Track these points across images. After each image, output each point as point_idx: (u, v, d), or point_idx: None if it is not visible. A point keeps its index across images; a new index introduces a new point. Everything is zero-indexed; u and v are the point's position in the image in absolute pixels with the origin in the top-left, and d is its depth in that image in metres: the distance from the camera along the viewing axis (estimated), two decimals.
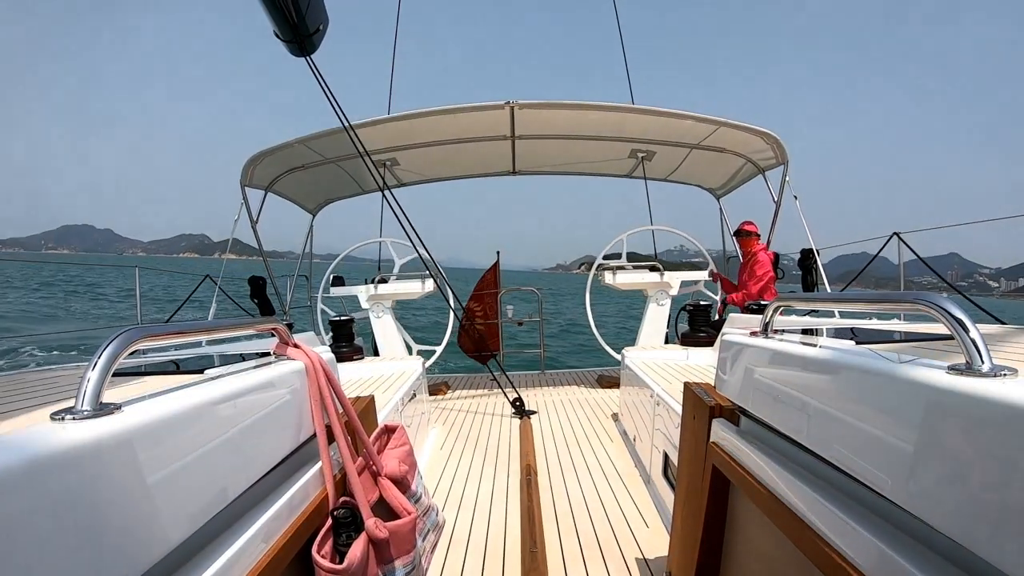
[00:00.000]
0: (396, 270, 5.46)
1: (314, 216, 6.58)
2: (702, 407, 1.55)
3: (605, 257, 5.54)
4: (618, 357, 4.48)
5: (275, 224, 5.54)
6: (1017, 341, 1.49)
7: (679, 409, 1.96)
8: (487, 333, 6.37)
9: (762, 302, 4.24)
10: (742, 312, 4.50)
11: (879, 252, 4.24)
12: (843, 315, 2.81)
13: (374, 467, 1.28)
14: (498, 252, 7.02)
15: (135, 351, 0.76)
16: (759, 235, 4.95)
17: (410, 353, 5.39)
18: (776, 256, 4.84)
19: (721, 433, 1.41)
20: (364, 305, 5.35)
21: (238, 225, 5.16)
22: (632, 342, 5.31)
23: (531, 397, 4.99)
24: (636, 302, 5.79)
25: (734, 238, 5.14)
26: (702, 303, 4.81)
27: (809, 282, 4.74)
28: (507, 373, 4.84)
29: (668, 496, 2.42)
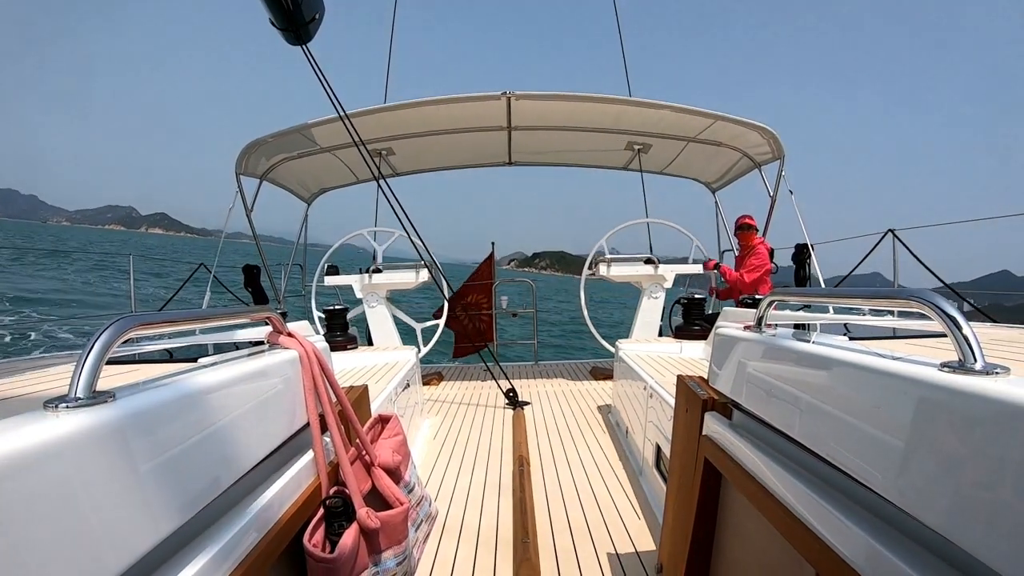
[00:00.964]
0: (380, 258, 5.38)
1: (309, 205, 6.54)
2: (695, 400, 1.55)
3: (598, 252, 5.55)
4: (612, 349, 4.50)
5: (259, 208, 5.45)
6: (1010, 339, 1.51)
7: (672, 402, 1.97)
8: (482, 324, 6.39)
9: (756, 296, 4.26)
10: (735, 300, 4.52)
11: (872, 249, 4.26)
12: (837, 311, 2.82)
13: (367, 457, 1.28)
14: (492, 243, 7.01)
15: (129, 339, 0.75)
16: (758, 229, 4.98)
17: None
18: (771, 250, 4.87)
19: (713, 426, 1.42)
20: (358, 295, 5.34)
21: (232, 213, 5.12)
22: (626, 334, 5.33)
23: (524, 388, 5.00)
24: (631, 298, 5.80)
25: (735, 234, 5.13)
26: (696, 296, 4.82)
27: (801, 276, 4.77)
28: (500, 364, 4.85)
29: (660, 488, 2.44)
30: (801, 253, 4.75)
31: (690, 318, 4.73)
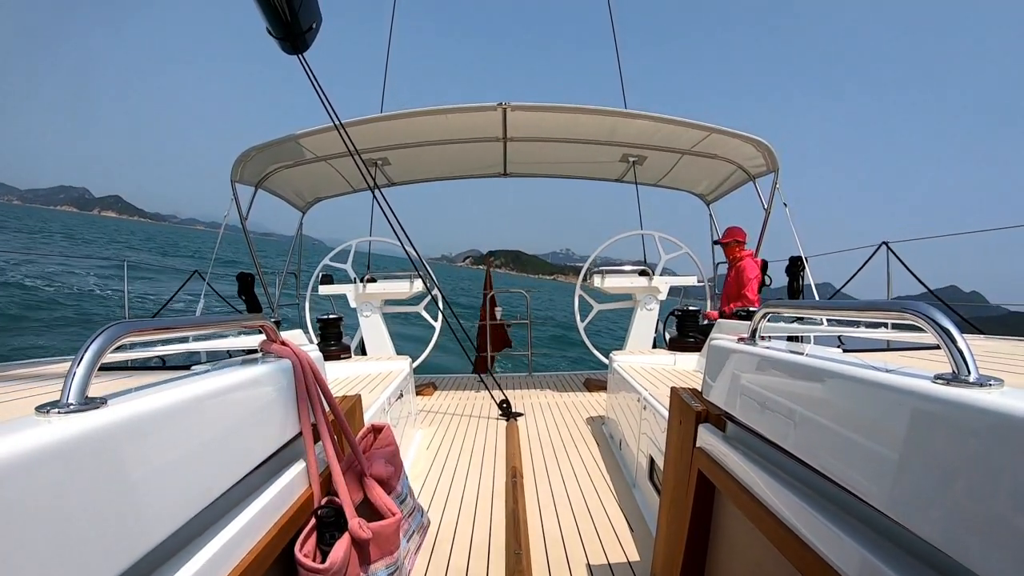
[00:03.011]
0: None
1: (304, 213, 6.53)
2: (689, 412, 1.55)
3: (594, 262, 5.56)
4: (606, 361, 4.50)
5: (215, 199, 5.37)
6: (1003, 351, 1.52)
7: (666, 413, 1.97)
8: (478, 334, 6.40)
9: (750, 309, 4.26)
10: (729, 313, 4.51)
11: (867, 262, 4.29)
12: (831, 323, 2.84)
13: (359, 467, 1.27)
14: (489, 253, 7.03)
15: (122, 346, 0.74)
16: (742, 242, 4.86)
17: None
18: (764, 263, 4.85)
19: (707, 438, 1.42)
20: (352, 304, 5.32)
21: (228, 220, 5.11)
22: (620, 346, 5.33)
23: (518, 399, 4.99)
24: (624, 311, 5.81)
25: (720, 246, 5.04)
26: (691, 308, 4.83)
27: (795, 288, 4.77)
28: (494, 375, 4.83)
29: (653, 500, 2.43)
30: (795, 266, 4.76)
31: (684, 330, 4.73)
